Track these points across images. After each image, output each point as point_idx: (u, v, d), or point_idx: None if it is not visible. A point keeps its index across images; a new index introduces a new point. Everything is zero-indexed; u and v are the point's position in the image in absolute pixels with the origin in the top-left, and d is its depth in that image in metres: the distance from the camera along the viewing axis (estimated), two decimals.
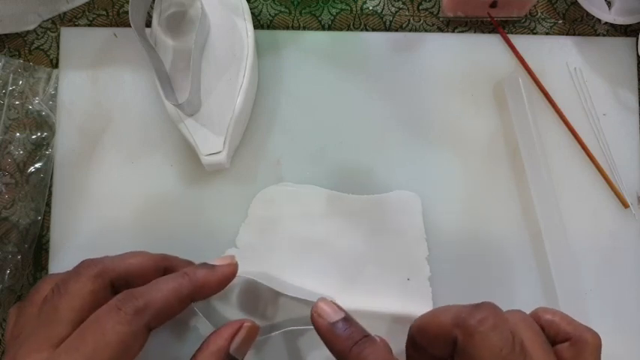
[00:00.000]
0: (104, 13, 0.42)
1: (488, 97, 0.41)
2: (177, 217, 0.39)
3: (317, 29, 0.42)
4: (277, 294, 0.37)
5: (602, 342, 0.37)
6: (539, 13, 0.42)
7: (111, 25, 0.42)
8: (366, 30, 0.42)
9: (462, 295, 0.39)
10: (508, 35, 0.41)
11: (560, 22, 0.42)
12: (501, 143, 0.40)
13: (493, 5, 0.39)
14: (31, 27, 0.41)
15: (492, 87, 0.41)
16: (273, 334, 0.36)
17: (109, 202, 0.40)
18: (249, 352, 0.37)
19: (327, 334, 0.30)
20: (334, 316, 0.30)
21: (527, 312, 0.28)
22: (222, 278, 0.31)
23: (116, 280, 0.29)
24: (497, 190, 0.40)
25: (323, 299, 0.31)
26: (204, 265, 0.31)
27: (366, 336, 0.29)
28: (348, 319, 0.30)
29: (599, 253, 0.39)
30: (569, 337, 0.27)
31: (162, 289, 0.28)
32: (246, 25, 0.37)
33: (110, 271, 0.29)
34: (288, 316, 0.37)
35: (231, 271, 0.32)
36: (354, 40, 0.41)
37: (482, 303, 0.25)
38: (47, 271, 0.39)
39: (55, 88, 0.41)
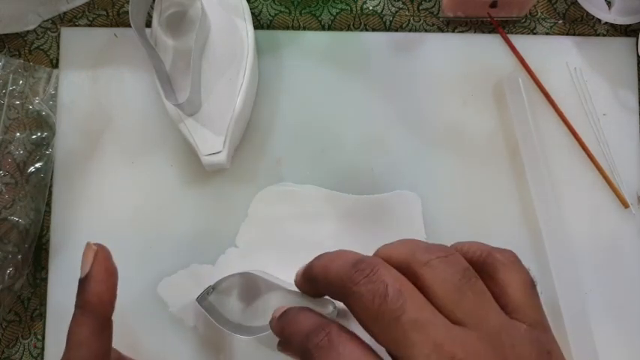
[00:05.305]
0: (104, 13, 0.42)
1: (488, 97, 0.41)
2: (177, 217, 0.39)
3: (317, 29, 0.42)
4: (278, 291, 0.37)
5: (602, 341, 0.37)
6: (539, 13, 0.42)
7: (111, 25, 0.42)
8: (366, 30, 0.42)
9: None
10: (508, 35, 0.41)
11: (560, 22, 0.42)
12: (501, 143, 0.40)
13: (493, 5, 0.39)
14: (31, 27, 0.41)
15: (492, 87, 0.41)
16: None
17: (109, 202, 0.40)
18: (249, 349, 0.38)
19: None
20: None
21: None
22: (101, 274, 0.28)
23: None
24: (497, 190, 0.40)
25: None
26: (80, 282, 0.28)
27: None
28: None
29: (599, 253, 0.39)
30: (479, 265, 0.24)
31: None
32: (246, 25, 0.37)
33: None
34: None
35: (101, 258, 0.28)
36: (354, 40, 0.41)
37: (362, 261, 0.23)
38: (47, 271, 0.39)
39: (55, 88, 0.41)
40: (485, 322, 0.21)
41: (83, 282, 0.28)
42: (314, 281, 0.26)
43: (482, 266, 0.24)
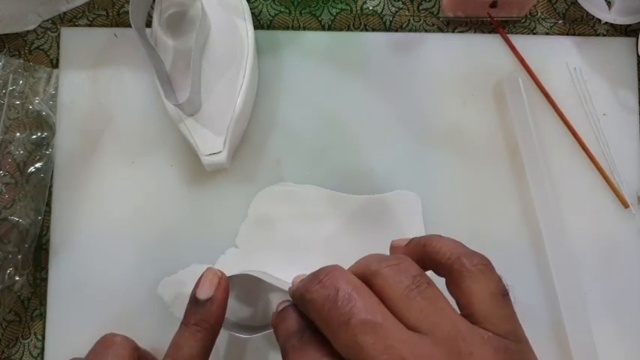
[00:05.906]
0: (104, 13, 0.42)
1: (488, 97, 0.41)
2: (177, 217, 0.39)
3: (317, 29, 0.42)
4: (277, 291, 0.37)
5: (602, 342, 0.37)
6: (539, 13, 0.42)
7: (111, 25, 0.42)
8: (366, 30, 0.42)
9: None
10: (508, 35, 0.41)
11: (560, 22, 0.42)
12: (501, 143, 0.40)
13: (493, 5, 0.39)
14: (31, 27, 0.41)
15: (492, 87, 0.41)
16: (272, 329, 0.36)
17: (109, 202, 0.40)
18: (249, 349, 0.38)
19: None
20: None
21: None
22: (223, 300, 0.32)
23: None
24: (497, 190, 0.40)
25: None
26: (198, 302, 0.31)
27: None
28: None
29: (599, 253, 0.39)
30: (447, 269, 0.24)
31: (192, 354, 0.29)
32: (246, 25, 0.37)
33: None
34: None
35: (224, 286, 0.32)
36: (354, 40, 0.41)
37: (320, 270, 0.24)
38: (47, 271, 0.39)
39: (56, 88, 0.41)
40: (439, 328, 0.21)
41: (205, 302, 0.31)
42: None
43: (450, 271, 0.24)
